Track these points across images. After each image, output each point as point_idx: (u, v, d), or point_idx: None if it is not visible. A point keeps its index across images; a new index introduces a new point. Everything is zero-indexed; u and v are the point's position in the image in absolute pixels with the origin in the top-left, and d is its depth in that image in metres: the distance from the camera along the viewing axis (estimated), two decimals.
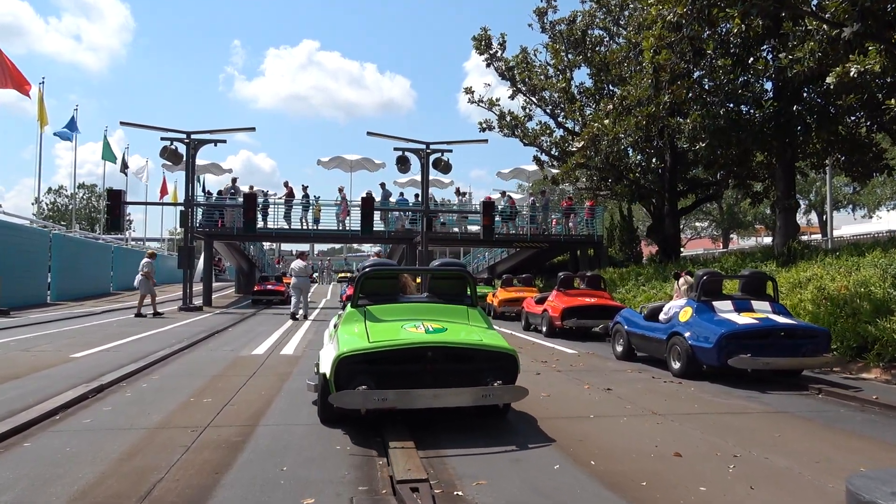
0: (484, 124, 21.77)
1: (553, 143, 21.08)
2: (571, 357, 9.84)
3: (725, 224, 55.02)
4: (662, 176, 19.78)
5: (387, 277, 5.98)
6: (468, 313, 5.70)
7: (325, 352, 5.43)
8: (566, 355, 10.06)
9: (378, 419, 5.02)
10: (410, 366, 4.93)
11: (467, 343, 5.07)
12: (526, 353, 10.28)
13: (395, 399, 4.61)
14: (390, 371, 4.89)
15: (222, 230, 24.66)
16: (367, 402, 4.56)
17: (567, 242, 27.24)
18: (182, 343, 10.76)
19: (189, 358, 9.26)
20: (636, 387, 7.23)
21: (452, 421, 5.32)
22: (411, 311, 5.59)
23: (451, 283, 6.01)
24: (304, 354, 9.70)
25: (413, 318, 5.39)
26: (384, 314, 5.46)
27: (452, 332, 5.17)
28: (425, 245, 22.53)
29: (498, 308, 18.34)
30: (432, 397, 4.69)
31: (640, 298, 15.14)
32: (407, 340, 4.94)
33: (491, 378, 4.93)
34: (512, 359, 5.08)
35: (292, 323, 16.16)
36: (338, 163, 26.08)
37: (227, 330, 14.04)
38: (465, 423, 5.28)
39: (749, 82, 15.21)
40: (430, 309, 5.65)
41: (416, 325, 5.21)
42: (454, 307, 5.72)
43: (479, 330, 5.44)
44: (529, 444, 4.67)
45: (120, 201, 20.28)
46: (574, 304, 12.60)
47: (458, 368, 5.04)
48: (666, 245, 20.07)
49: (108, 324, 15.33)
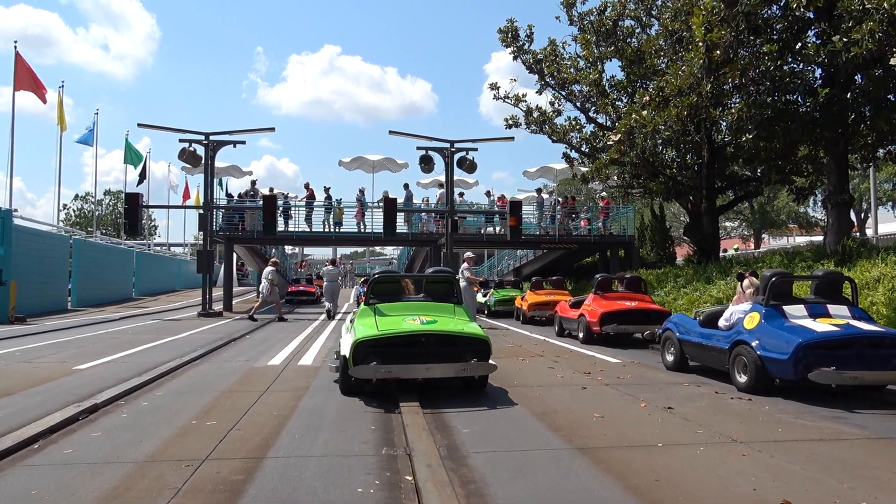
0: (510, 120, 20.91)
1: (583, 139, 20.13)
2: (616, 367, 8.92)
3: (757, 223, 53.31)
4: (699, 172, 18.71)
5: (391, 282, 7.78)
6: (454, 309, 7.27)
7: (344, 339, 7.14)
8: (609, 365, 9.14)
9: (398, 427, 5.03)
10: (409, 348, 6.40)
11: (452, 331, 6.60)
12: (565, 362, 9.38)
13: (397, 371, 6.14)
14: (394, 352, 6.33)
15: (242, 234, 24.12)
16: (378, 373, 6.08)
17: (597, 243, 26.22)
18: (195, 352, 10.07)
19: (199, 370, 8.54)
20: (700, 404, 6.30)
21: (522, 473, 4.47)
22: (410, 307, 7.14)
23: (442, 286, 7.65)
24: (323, 366, 8.92)
25: (411, 313, 6.91)
26: (389, 310, 7.01)
27: (441, 324, 6.70)
28: (450, 247, 21.71)
29: (528, 312, 17.42)
30: (425, 370, 6.23)
31: (681, 302, 14.14)
32: (406, 329, 6.48)
33: (469, 357, 6.42)
34: (485, 343, 6.62)
35: (315, 327, 15.46)
36: (359, 163, 25.36)
37: (245, 337, 13.35)
38: (527, 470, 4.43)
39: (795, 70, 14.14)
40: (425, 306, 7.20)
41: (414, 318, 6.74)
42: (443, 305, 7.28)
43: (462, 322, 6.99)
44: (599, 488, 3.80)
45: (138, 205, 19.77)
46: (614, 308, 11.66)
47: (445, 350, 6.48)
48: (704, 244, 18.98)
49: (124, 331, 14.77)
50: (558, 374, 8.26)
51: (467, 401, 6.41)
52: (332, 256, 30.20)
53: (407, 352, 6.35)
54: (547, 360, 9.73)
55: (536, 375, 8.15)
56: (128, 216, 19.83)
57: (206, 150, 20.59)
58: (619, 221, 27.63)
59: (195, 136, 20.65)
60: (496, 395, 6.78)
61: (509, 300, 20.91)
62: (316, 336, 13.66)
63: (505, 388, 7.11)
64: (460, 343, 6.52)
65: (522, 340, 12.87)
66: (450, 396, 6.61)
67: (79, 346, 11.51)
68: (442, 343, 6.48)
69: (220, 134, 20.87)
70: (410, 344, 6.41)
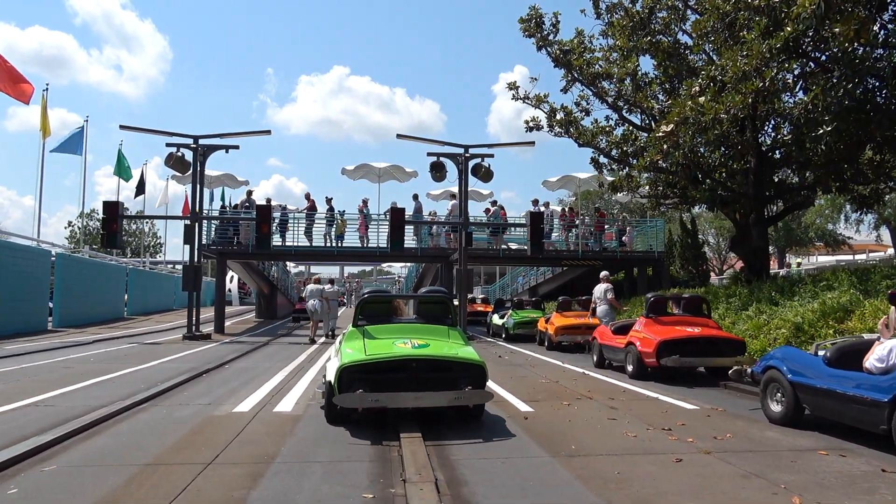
0: (531, 122, 18.77)
1: (612, 142, 17.98)
2: (699, 419, 6.65)
3: (782, 241, 50.80)
4: (747, 178, 16.49)
5: (381, 302, 7.31)
6: (448, 332, 6.66)
7: (330, 364, 6.50)
8: (688, 415, 6.87)
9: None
10: (399, 374, 5.90)
11: (445, 356, 6.09)
12: (625, 409, 7.09)
13: (385, 400, 5.65)
14: (383, 379, 5.84)
15: (237, 248, 22.03)
16: (364, 402, 5.56)
17: (623, 260, 23.95)
18: (149, 391, 7.89)
19: (136, 421, 6.34)
20: (875, 499, 4.04)
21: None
22: (402, 330, 6.58)
23: (435, 307, 7.18)
24: (306, 414, 6.71)
25: (402, 336, 6.33)
26: (379, 332, 6.45)
27: (434, 348, 6.17)
28: (464, 262, 19.52)
29: (555, 337, 15.14)
30: (414, 399, 5.72)
31: (744, 327, 11.84)
32: (396, 354, 5.97)
33: (464, 384, 5.85)
34: (481, 369, 6.03)
35: (312, 352, 13.27)
36: (364, 172, 23.23)
37: (224, 367, 11.17)
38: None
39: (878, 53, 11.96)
40: (417, 328, 6.65)
41: (405, 342, 6.19)
42: (437, 327, 6.71)
43: (457, 345, 6.40)
44: None
45: (117, 214, 17.73)
46: (674, 335, 9.39)
47: (438, 377, 5.97)
48: (754, 260, 16.68)
49: (87, 358, 12.65)
50: (625, 429, 6.00)
51: (508, 488, 4.19)
52: (332, 275, 29.85)
53: (396, 378, 5.89)
54: (599, 404, 7.47)
55: (596, 433, 5.89)
56: (106, 227, 17.77)
57: (195, 155, 18.60)
58: (646, 236, 25.40)
59: (183, 139, 18.69)
60: (546, 474, 4.54)
61: (530, 322, 18.66)
62: (309, 365, 11.46)
63: (556, 459, 4.88)
64: (454, 369, 6.05)
65: (556, 373, 10.61)
66: (479, 471, 4.38)
67: (16, 378, 9.36)
68: (434, 369, 6.03)
69: (209, 137, 18.89)
70: (400, 369, 5.94)
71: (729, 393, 8.56)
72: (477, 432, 5.84)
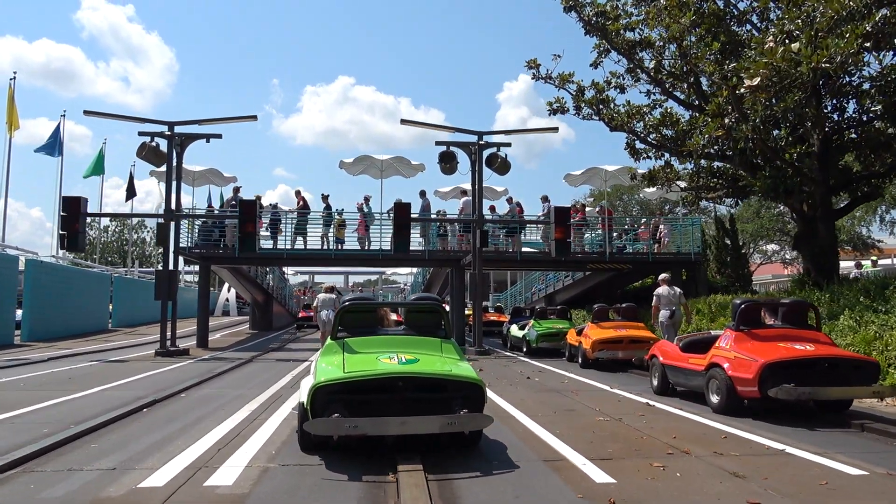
0: (555, 104, 16.31)
1: (651, 124, 15.49)
2: (877, 496, 4.09)
3: None
4: (812, 163, 13.96)
5: (365, 311, 6.47)
6: (441, 345, 5.89)
7: (305, 381, 5.78)
8: (855, 485, 4.31)
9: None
10: (383, 395, 5.09)
11: (436, 373, 5.23)
12: (755, 474, 4.46)
13: (364, 426, 4.74)
14: (364, 400, 5.05)
15: (222, 252, 19.55)
16: (339, 430, 4.71)
17: (656, 263, 21.32)
18: (39, 443, 5.39)
19: None
20: None
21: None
22: (387, 343, 5.85)
23: (426, 317, 6.35)
24: (256, 489, 4.19)
25: (388, 350, 5.60)
26: (361, 346, 5.72)
27: (423, 363, 5.34)
28: (478, 265, 17.00)
29: (591, 353, 12.57)
30: (400, 424, 4.83)
31: (846, 340, 9.23)
32: (378, 371, 5.13)
33: (459, 407, 5.02)
34: (478, 388, 5.20)
35: (297, 373, 10.75)
36: (365, 166, 20.69)
37: (179, 396, 8.67)
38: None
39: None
40: (405, 341, 5.92)
41: (391, 357, 5.40)
42: (428, 339, 5.95)
43: (451, 361, 5.60)
44: None
45: (78, 211, 15.30)
46: (782, 355, 6.81)
47: (428, 398, 5.19)
48: (823, 260, 14.11)
49: (17, 382, 10.19)
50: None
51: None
52: (333, 284, 28.94)
53: (380, 399, 5.06)
54: (709, 465, 4.91)
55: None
56: (66, 226, 15.36)
57: (170, 144, 16.21)
58: (678, 236, 22.76)
59: (156, 126, 16.31)
60: None
61: (556, 335, 16.12)
62: (290, 392, 8.95)
63: None
64: (448, 388, 5.20)
65: (611, 404, 8.04)
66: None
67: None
68: (424, 388, 5.16)
69: (187, 123, 16.50)
70: (385, 389, 5.06)
71: (874, 438, 6.00)
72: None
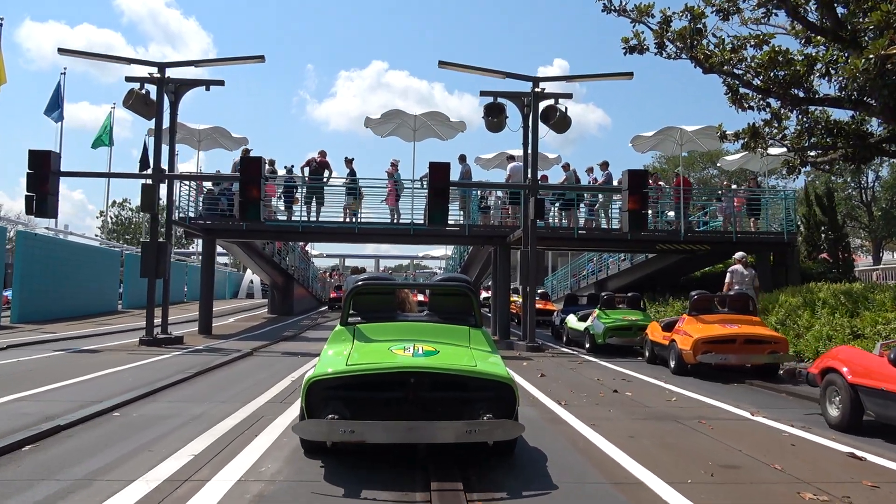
0: (633, 40, 12.98)
1: (760, 62, 12.07)
2: None
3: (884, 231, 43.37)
4: None
5: (381, 293, 5.60)
6: (470, 334, 5.02)
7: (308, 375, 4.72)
8: None
9: None
10: (392, 393, 4.22)
11: (456, 369, 4.31)
12: None
13: (362, 432, 3.90)
14: (371, 399, 4.24)
15: (231, 224, 16.75)
16: (332, 434, 3.90)
17: (739, 243, 17.81)
18: None
19: None
20: None
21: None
22: (405, 330, 5.03)
23: (453, 301, 5.47)
24: None
25: (405, 339, 4.76)
26: (375, 333, 4.95)
27: (443, 356, 4.46)
28: (532, 243, 13.82)
29: (692, 356, 9.33)
30: (407, 431, 3.94)
31: None
32: (385, 365, 4.30)
33: (482, 411, 4.10)
34: (509, 389, 4.25)
35: (290, 384, 7.82)
36: (395, 125, 17.54)
37: (111, 415, 5.80)
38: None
39: None
40: (426, 329, 5.08)
41: (406, 347, 4.55)
42: (454, 328, 5.09)
43: (480, 354, 4.70)
44: None
45: (49, 170, 12.57)
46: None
47: (447, 398, 4.27)
48: None
49: None
50: None
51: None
52: (364, 265, 27.55)
53: (390, 398, 4.17)
54: None
55: None
56: (33, 187, 12.63)
57: (160, 89, 13.37)
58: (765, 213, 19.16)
59: (144, 67, 13.49)
60: None
61: (629, 329, 12.92)
62: (283, 408, 5.99)
63: None
64: (470, 387, 4.26)
65: (782, 451, 4.86)
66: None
67: None
68: (443, 386, 4.21)
69: (181, 65, 13.64)
70: (395, 386, 4.16)
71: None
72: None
